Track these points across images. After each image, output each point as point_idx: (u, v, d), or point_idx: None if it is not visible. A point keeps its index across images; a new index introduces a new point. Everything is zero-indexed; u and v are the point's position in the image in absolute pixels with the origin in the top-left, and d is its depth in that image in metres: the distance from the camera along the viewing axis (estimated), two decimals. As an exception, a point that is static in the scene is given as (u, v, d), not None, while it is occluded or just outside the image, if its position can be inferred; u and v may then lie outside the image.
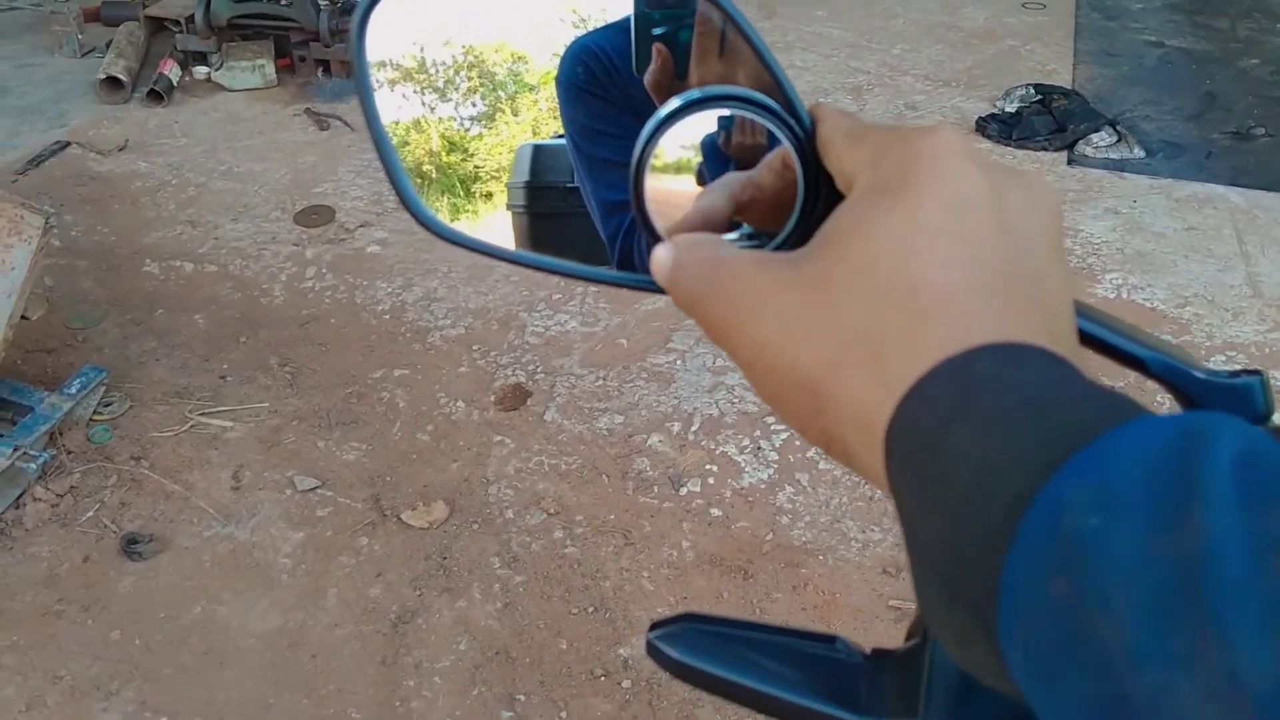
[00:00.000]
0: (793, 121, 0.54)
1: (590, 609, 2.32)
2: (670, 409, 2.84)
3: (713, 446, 2.73)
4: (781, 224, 0.57)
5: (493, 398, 2.88)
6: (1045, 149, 4.08)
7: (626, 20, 0.63)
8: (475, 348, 3.05)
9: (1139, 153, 4.06)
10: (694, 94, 0.58)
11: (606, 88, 0.66)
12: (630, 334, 3.10)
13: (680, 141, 0.60)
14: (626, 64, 0.64)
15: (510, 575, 2.39)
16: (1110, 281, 3.40)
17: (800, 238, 0.56)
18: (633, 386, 2.91)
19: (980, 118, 4.28)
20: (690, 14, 0.61)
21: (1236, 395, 0.50)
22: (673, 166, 0.61)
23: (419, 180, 0.69)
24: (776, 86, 0.55)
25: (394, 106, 0.68)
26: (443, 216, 0.67)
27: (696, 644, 0.58)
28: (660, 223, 0.60)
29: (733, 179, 0.58)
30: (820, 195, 0.54)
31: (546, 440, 2.74)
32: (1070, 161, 4.05)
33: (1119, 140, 4.08)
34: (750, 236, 0.59)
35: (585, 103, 0.67)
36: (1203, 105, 4.55)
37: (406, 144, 0.69)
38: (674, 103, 0.58)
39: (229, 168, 3.93)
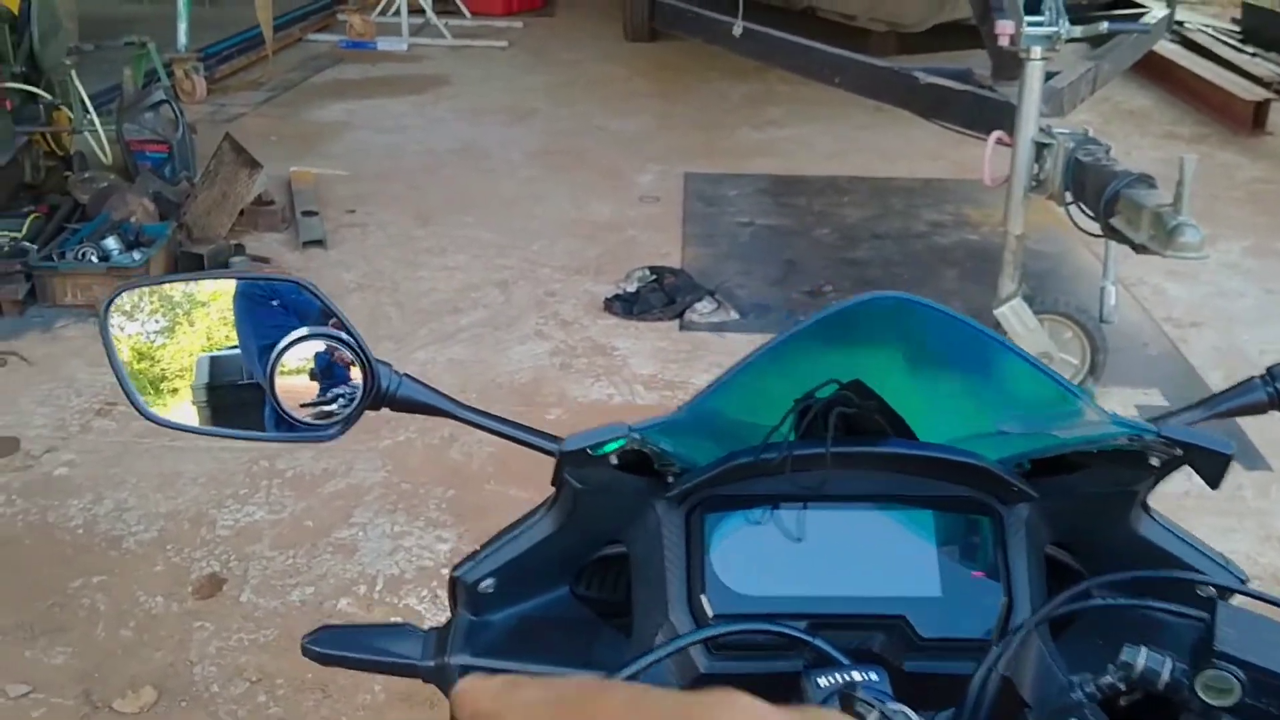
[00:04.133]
0: (359, 348, 1.07)
1: (296, 754, 2.65)
2: (356, 574, 3.24)
3: (396, 601, 3.14)
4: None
5: (190, 589, 3.18)
6: (660, 319, 4.86)
7: None
8: (169, 547, 3.34)
9: (735, 315, 4.92)
10: (304, 331, 1.11)
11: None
12: (315, 515, 3.50)
13: (299, 356, 1.12)
14: None
15: (221, 738, 2.69)
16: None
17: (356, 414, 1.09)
18: (320, 560, 3.30)
19: (607, 298, 5.03)
20: None
21: None
22: (294, 370, 1.14)
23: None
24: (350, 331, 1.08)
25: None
26: (157, 411, 1.13)
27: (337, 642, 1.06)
28: (287, 403, 1.12)
29: None
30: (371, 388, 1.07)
31: (244, 619, 3.07)
32: (681, 327, 4.84)
33: (719, 307, 4.93)
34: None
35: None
36: (785, 271, 5.53)
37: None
38: (293, 336, 1.10)
39: (-99, 411, 4.04)
